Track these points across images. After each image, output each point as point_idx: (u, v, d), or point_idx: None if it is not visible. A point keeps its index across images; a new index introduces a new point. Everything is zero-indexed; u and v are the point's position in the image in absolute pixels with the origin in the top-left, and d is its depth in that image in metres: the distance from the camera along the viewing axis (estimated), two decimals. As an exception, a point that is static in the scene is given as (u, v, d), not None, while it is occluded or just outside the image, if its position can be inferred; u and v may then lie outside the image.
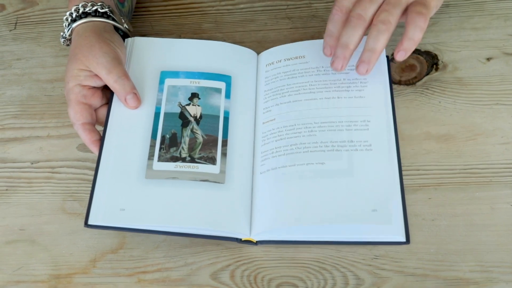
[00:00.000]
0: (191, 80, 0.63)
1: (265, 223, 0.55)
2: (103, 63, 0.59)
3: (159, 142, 0.59)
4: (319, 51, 0.63)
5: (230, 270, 0.56)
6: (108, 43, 0.60)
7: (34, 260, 0.57)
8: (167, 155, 0.58)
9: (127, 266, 0.56)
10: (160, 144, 0.59)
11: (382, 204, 0.54)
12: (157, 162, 0.57)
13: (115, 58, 0.60)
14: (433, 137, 0.62)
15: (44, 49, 0.73)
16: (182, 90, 0.62)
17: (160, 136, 0.59)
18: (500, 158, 0.60)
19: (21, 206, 0.61)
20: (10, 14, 0.76)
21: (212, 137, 0.59)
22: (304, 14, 0.74)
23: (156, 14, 0.75)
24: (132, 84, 0.60)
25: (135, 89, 0.60)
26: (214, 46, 0.66)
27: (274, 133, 0.60)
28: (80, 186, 0.62)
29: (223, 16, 0.74)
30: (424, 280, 0.54)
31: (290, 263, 0.56)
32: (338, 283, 0.55)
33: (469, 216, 0.57)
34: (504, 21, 0.70)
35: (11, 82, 0.70)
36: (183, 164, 0.58)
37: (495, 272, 0.54)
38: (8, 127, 0.66)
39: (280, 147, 0.59)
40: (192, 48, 0.66)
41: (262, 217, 0.56)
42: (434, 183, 0.59)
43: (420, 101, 0.65)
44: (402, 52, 0.58)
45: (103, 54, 0.59)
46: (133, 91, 0.60)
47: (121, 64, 0.60)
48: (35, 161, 0.64)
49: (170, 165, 0.57)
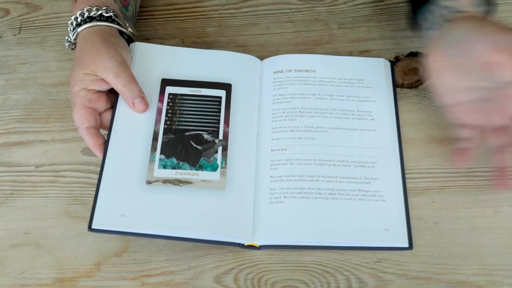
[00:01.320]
0: (191, 89, 0.63)
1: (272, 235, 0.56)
2: (111, 67, 0.59)
3: (160, 148, 0.59)
4: (328, 65, 0.66)
5: (233, 274, 0.56)
6: (114, 48, 0.60)
7: (38, 263, 0.58)
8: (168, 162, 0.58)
9: (131, 270, 0.57)
10: (161, 151, 0.59)
11: (394, 223, 0.56)
12: (157, 168, 0.58)
13: (122, 62, 0.60)
14: (436, 140, 0.62)
15: (48, 53, 0.73)
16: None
17: (161, 142, 0.59)
18: (503, 161, 0.60)
19: (25, 209, 0.61)
20: (15, 18, 0.77)
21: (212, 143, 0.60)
22: (307, 18, 0.74)
23: (160, 18, 0.75)
24: (139, 88, 0.61)
25: (142, 93, 0.61)
26: (215, 54, 0.67)
27: (286, 163, 0.60)
28: (84, 190, 0.62)
29: (226, 20, 0.74)
30: (427, 283, 0.54)
31: (293, 266, 0.56)
32: (341, 286, 0.55)
33: (472, 219, 0.57)
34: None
35: (15, 86, 0.70)
36: (184, 171, 0.58)
37: (498, 275, 0.54)
38: (13, 131, 0.67)
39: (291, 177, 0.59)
40: (193, 57, 0.66)
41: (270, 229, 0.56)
42: (437, 186, 0.60)
43: (423, 104, 0.65)
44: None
45: (110, 58, 0.59)
46: (141, 95, 0.60)
47: (128, 68, 0.61)
48: (39, 165, 0.64)
49: (171, 171, 0.58)
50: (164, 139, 0.60)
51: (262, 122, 0.63)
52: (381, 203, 0.57)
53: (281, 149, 0.61)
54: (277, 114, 0.63)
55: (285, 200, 0.57)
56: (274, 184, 0.58)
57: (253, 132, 0.62)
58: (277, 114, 0.63)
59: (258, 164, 0.60)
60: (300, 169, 0.59)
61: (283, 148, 0.61)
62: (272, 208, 0.57)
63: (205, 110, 0.62)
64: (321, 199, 0.57)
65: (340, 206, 0.57)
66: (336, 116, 0.62)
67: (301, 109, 0.63)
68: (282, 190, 0.58)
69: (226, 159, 0.59)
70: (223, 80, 0.64)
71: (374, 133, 0.61)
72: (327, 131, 0.61)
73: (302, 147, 0.60)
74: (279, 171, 0.59)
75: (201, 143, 0.60)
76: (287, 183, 0.58)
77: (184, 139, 0.60)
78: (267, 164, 0.60)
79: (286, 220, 0.56)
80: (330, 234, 0.56)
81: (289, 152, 0.60)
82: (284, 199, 0.57)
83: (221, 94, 0.63)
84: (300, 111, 0.63)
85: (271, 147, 0.61)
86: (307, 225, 0.56)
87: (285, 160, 0.60)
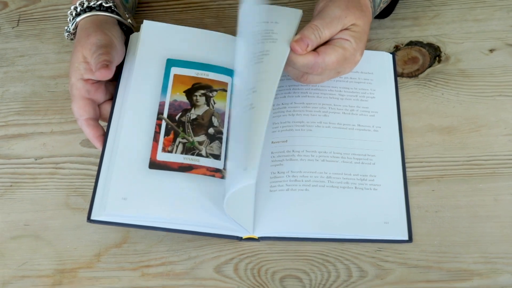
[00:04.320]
0: (197, 72, 0.62)
1: (272, 226, 0.56)
2: (94, 43, 0.58)
3: (163, 132, 0.58)
4: None
5: (233, 264, 0.56)
6: (105, 33, 0.60)
7: (38, 255, 0.58)
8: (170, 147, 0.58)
9: (131, 260, 0.57)
10: (164, 135, 0.58)
11: (394, 216, 0.56)
12: (161, 152, 0.57)
13: (107, 44, 0.58)
14: (436, 129, 0.62)
15: (47, 45, 0.73)
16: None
17: (165, 127, 0.59)
18: (503, 150, 0.60)
19: (25, 201, 0.61)
20: (13, 11, 0.77)
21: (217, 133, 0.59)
22: (305, 8, 0.73)
23: (158, 9, 0.75)
24: (108, 58, 0.57)
25: (108, 61, 0.57)
26: (223, 38, 0.65)
27: (287, 155, 0.60)
28: (84, 182, 0.62)
29: (225, 10, 0.74)
30: (428, 271, 0.54)
31: (293, 256, 0.56)
32: (342, 275, 0.55)
33: (472, 208, 0.57)
34: (506, 12, 0.69)
35: (14, 79, 0.70)
36: (188, 156, 0.57)
37: (499, 263, 0.54)
38: (12, 123, 0.67)
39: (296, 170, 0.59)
40: (201, 38, 0.64)
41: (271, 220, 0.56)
42: (437, 175, 0.59)
43: (423, 93, 0.65)
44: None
45: (97, 40, 0.59)
46: (104, 63, 0.57)
47: (110, 47, 0.59)
48: (39, 157, 0.64)
49: (175, 156, 0.57)
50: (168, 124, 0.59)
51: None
52: (380, 194, 0.57)
53: (282, 141, 0.60)
54: (280, 109, 0.63)
55: (284, 189, 0.57)
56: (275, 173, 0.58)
57: None
58: (280, 108, 0.63)
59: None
60: (301, 163, 0.59)
61: (284, 140, 0.60)
62: (272, 198, 0.57)
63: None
64: (320, 187, 0.57)
65: (340, 195, 0.57)
66: (337, 109, 0.62)
67: (303, 104, 0.63)
68: (283, 178, 0.58)
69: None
70: (230, 66, 0.63)
71: (377, 127, 0.61)
72: (328, 125, 0.61)
73: (302, 139, 0.60)
74: (280, 162, 0.59)
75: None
76: (287, 174, 0.58)
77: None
78: (268, 156, 0.60)
79: (285, 211, 0.56)
80: (330, 227, 0.55)
81: (289, 144, 0.60)
82: (284, 186, 0.57)
83: (227, 81, 0.63)
84: (302, 106, 0.62)
85: (272, 139, 0.61)
86: (307, 217, 0.56)
87: (286, 152, 0.60)
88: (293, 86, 0.64)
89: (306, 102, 0.63)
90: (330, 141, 0.60)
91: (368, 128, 0.61)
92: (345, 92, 0.64)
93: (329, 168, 0.58)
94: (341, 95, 0.63)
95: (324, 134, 0.61)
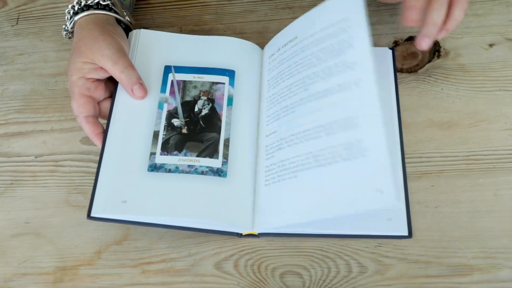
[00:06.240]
0: (194, 75, 0.63)
1: (270, 222, 0.55)
2: (108, 55, 0.59)
3: (162, 134, 0.59)
4: (308, 25, 0.61)
5: (233, 260, 0.56)
6: (111, 35, 0.60)
7: (39, 252, 0.58)
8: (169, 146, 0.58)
9: (131, 257, 0.57)
10: (162, 137, 0.59)
11: (387, 184, 0.49)
12: (159, 155, 0.58)
13: (120, 49, 0.60)
14: (435, 124, 0.62)
15: (46, 43, 0.73)
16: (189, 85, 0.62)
17: (163, 129, 0.59)
18: (503, 144, 0.60)
19: (26, 199, 0.61)
20: (12, 9, 0.77)
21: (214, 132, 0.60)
22: (305, 4, 0.73)
23: (157, 6, 0.75)
24: (138, 75, 0.60)
25: (141, 79, 0.61)
26: (218, 41, 0.66)
27: (277, 145, 0.58)
28: (84, 179, 0.62)
29: (224, 7, 0.74)
30: (428, 267, 0.54)
31: (293, 252, 0.56)
32: (342, 271, 0.55)
33: (472, 203, 0.57)
34: (506, 7, 0.69)
35: (14, 77, 0.70)
36: (185, 157, 0.58)
37: (499, 258, 0.54)
38: (12, 121, 0.67)
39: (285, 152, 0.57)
40: (196, 43, 0.66)
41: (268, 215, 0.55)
42: (437, 170, 0.59)
43: (423, 88, 0.65)
44: (444, 31, 0.56)
45: (107, 46, 0.59)
46: (139, 82, 0.60)
47: (126, 55, 0.61)
48: (39, 155, 0.64)
49: (173, 158, 0.58)
50: (166, 125, 0.59)
51: (262, 109, 0.62)
52: (369, 161, 0.51)
53: (272, 132, 0.60)
54: (270, 100, 0.62)
55: (276, 181, 0.56)
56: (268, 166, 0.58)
57: (254, 119, 0.62)
58: (270, 100, 0.62)
59: (258, 152, 0.60)
60: (288, 150, 0.56)
61: (274, 131, 0.60)
62: (266, 192, 0.56)
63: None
64: (307, 170, 0.54)
65: (327, 174, 0.52)
66: (316, 76, 0.59)
67: (287, 87, 0.60)
68: (274, 170, 0.57)
69: (228, 148, 0.59)
70: (225, 66, 0.64)
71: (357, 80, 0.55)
72: (309, 99, 0.58)
73: (288, 123, 0.58)
74: (272, 155, 0.58)
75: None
76: (277, 165, 0.57)
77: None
78: (263, 151, 0.60)
79: (278, 205, 0.55)
80: (330, 223, 0.55)
81: (278, 132, 0.59)
82: (276, 178, 0.56)
83: (224, 81, 0.63)
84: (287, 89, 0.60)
85: (266, 133, 0.61)
86: (298, 208, 0.54)
87: (276, 142, 0.58)
88: (277, 75, 0.63)
89: (289, 83, 0.60)
90: (312, 116, 0.56)
91: (349, 85, 0.55)
92: (322, 53, 0.59)
93: (314, 145, 0.55)
94: (319, 58, 0.59)
95: (306, 110, 0.57)
